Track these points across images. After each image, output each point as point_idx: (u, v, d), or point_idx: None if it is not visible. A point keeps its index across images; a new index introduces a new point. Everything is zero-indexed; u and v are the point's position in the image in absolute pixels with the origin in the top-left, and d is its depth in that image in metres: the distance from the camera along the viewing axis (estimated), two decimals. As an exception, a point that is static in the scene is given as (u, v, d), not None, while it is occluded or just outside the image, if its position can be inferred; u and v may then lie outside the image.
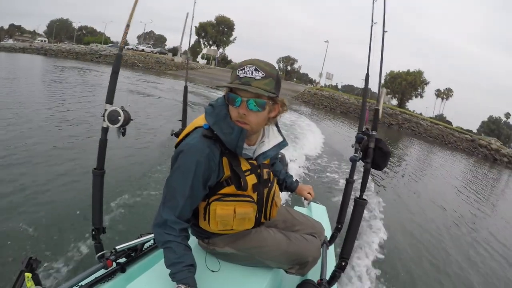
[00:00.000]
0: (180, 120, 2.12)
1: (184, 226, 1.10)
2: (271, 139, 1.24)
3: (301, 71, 72.60)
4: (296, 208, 2.27)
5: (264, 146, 1.22)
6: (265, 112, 1.11)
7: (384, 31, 1.52)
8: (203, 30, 54.66)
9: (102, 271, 1.28)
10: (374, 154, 1.40)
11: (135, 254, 1.44)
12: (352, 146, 1.54)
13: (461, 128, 39.34)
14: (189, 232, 1.29)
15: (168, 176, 1.12)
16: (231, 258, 1.29)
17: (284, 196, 3.81)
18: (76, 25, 67.73)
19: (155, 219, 1.10)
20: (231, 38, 56.97)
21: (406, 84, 46.86)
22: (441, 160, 16.87)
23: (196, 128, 1.15)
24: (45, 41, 47.57)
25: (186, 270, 1.05)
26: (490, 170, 19.22)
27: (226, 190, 1.15)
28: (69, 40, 55.22)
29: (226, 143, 1.11)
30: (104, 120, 1.30)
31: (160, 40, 68.52)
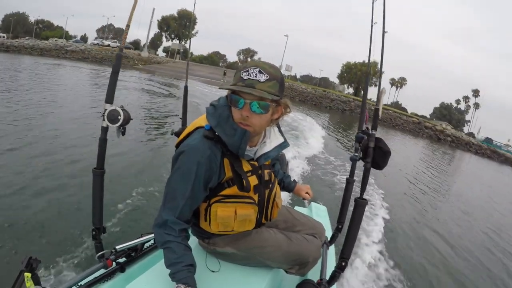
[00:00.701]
0: (181, 119, 2.12)
1: (184, 226, 1.10)
2: (273, 140, 1.24)
3: None
4: (297, 208, 2.27)
5: (266, 147, 1.21)
6: (268, 114, 1.10)
7: (384, 32, 1.52)
8: (165, 23, 54.55)
9: (102, 271, 1.28)
10: (374, 153, 1.40)
11: (135, 254, 1.43)
12: (352, 146, 1.54)
13: (416, 114, 45.59)
14: (190, 232, 1.29)
15: (169, 176, 1.12)
16: (232, 258, 1.29)
17: (285, 196, 3.81)
18: (32, 18, 63.58)
19: (155, 219, 1.10)
20: (193, 32, 56.73)
21: (361, 74, 52.23)
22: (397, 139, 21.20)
23: (197, 128, 1.14)
24: (3, 37, 44.35)
25: (185, 270, 1.05)
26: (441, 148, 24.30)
27: (227, 191, 1.14)
28: (27, 35, 51.17)
29: (229, 145, 1.10)
30: (104, 120, 1.30)
31: (119, 33, 64.46)
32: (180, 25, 54.93)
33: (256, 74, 1.04)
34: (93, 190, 1.34)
